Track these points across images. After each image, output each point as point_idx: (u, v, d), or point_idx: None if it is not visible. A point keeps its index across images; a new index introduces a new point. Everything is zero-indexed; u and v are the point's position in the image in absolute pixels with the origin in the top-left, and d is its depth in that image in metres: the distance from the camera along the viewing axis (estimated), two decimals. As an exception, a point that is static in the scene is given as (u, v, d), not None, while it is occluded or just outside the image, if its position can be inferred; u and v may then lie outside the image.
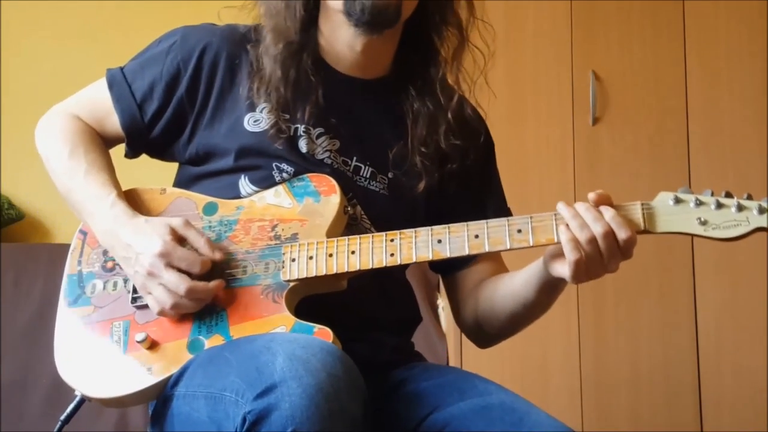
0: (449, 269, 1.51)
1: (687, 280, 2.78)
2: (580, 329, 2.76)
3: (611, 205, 1.22)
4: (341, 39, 1.42)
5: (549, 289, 1.33)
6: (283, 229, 1.34)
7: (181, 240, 1.31)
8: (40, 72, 2.89)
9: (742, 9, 2.87)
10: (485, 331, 1.49)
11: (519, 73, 2.86)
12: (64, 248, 1.47)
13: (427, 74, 1.47)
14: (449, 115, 1.45)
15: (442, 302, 2.48)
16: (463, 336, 2.70)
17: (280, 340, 1.16)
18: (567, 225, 1.20)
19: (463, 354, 2.68)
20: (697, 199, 1.19)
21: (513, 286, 1.39)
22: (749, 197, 1.18)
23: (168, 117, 1.43)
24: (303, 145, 1.40)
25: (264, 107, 1.40)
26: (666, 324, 2.77)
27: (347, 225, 1.36)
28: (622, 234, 1.20)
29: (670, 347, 2.76)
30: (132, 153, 1.49)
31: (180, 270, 1.27)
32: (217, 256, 1.30)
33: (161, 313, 1.29)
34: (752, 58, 2.86)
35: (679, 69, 2.87)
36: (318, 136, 1.41)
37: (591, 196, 1.22)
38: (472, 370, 1.54)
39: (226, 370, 1.16)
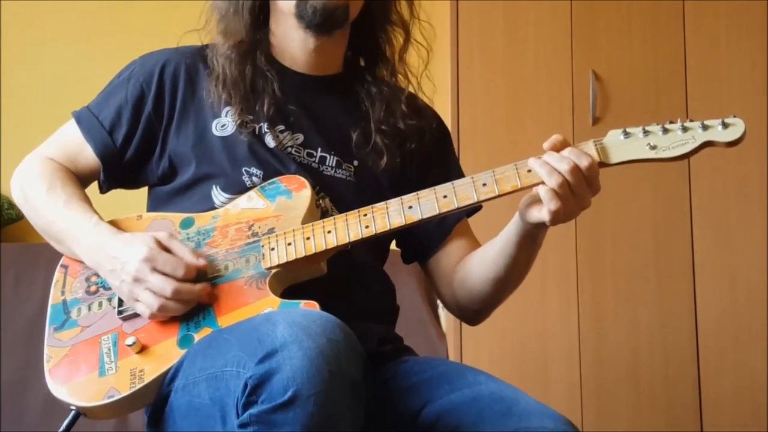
0: (425, 254, 1.57)
1: (687, 281, 2.78)
2: (580, 329, 2.76)
3: (567, 146, 1.30)
4: (293, 40, 1.50)
5: (530, 240, 1.38)
6: (259, 227, 1.38)
7: (165, 250, 1.34)
8: (40, 72, 2.89)
9: (742, 9, 2.87)
10: (471, 306, 1.52)
11: (519, 73, 2.86)
12: (64, 248, 1.47)
13: (377, 70, 1.56)
14: (402, 103, 1.53)
15: (442, 302, 2.48)
16: (463, 336, 2.71)
17: (279, 312, 1.20)
18: (543, 182, 1.27)
19: (463, 354, 2.69)
20: (644, 129, 1.28)
21: (492, 251, 1.44)
22: (691, 120, 1.28)
23: (139, 137, 1.48)
24: (270, 140, 1.46)
25: (228, 110, 1.46)
26: (666, 324, 2.77)
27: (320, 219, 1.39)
28: (582, 162, 1.26)
29: (670, 347, 2.76)
30: (107, 184, 1.52)
31: (165, 274, 1.30)
32: (201, 262, 1.33)
33: (151, 316, 1.32)
34: (752, 58, 2.86)
35: (679, 69, 2.87)
36: (280, 132, 1.47)
37: (545, 145, 1.30)
38: (472, 369, 1.54)
39: (227, 348, 1.18)
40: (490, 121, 2.83)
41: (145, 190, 1.57)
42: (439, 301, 2.50)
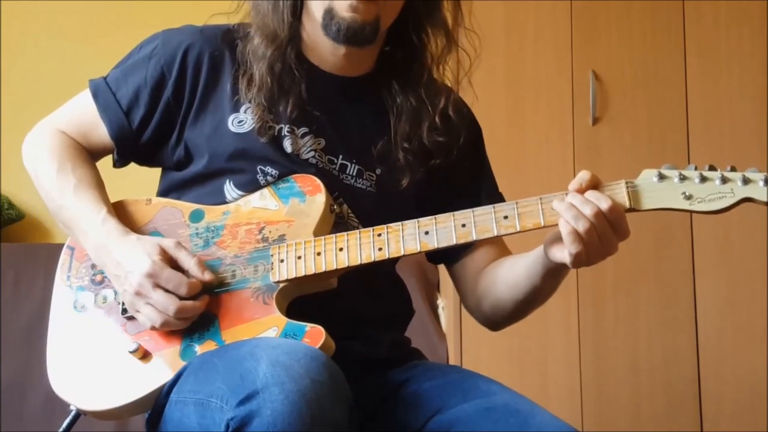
0: (451, 259, 1.50)
1: (687, 281, 2.78)
2: (579, 329, 2.76)
3: (596, 185, 1.22)
4: (323, 44, 1.41)
5: (554, 274, 1.33)
6: (270, 231, 1.34)
7: (171, 261, 1.30)
8: (40, 72, 2.89)
9: (742, 9, 2.87)
10: (493, 318, 1.48)
11: (519, 73, 2.86)
12: (64, 248, 1.47)
13: (411, 71, 1.46)
14: (433, 112, 1.44)
15: (442, 302, 2.48)
16: (463, 336, 2.71)
17: (265, 346, 1.15)
18: (565, 219, 1.20)
19: (463, 354, 2.69)
20: (680, 174, 1.19)
21: (515, 275, 1.38)
22: (733, 169, 1.18)
23: (156, 121, 1.42)
24: (288, 145, 1.39)
25: (248, 107, 1.39)
26: (666, 324, 2.77)
27: (334, 224, 1.36)
28: (603, 204, 1.18)
29: (670, 348, 2.76)
30: (121, 162, 1.48)
31: (168, 291, 1.27)
32: (207, 277, 1.29)
33: (151, 329, 1.29)
34: (752, 58, 2.86)
35: (679, 69, 2.87)
36: (303, 136, 1.40)
37: (572, 186, 1.21)
38: (472, 369, 1.54)
39: (213, 375, 1.16)
40: (490, 121, 2.82)
41: (156, 173, 1.53)
42: (438, 302, 2.50)
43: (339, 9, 1.34)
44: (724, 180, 1.17)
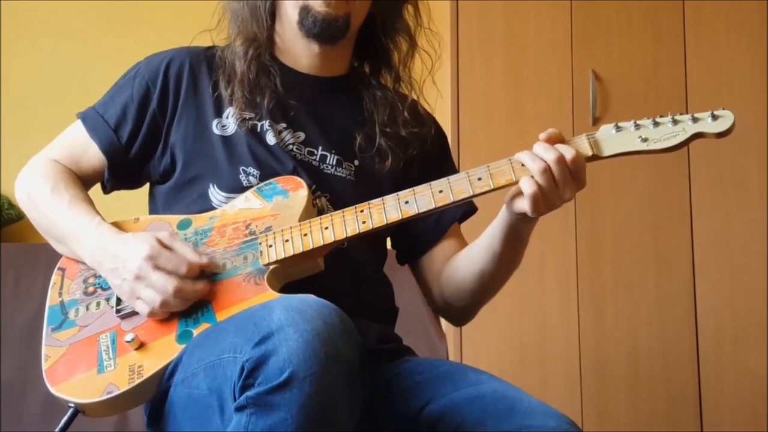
0: (419, 252, 1.58)
1: (687, 281, 2.78)
2: (579, 329, 2.76)
3: (563, 140, 1.33)
4: (298, 44, 1.53)
5: (515, 234, 1.40)
6: (257, 226, 1.39)
7: (167, 248, 1.34)
8: (40, 72, 2.89)
9: (742, 9, 2.87)
10: (454, 303, 1.54)
11: (519, 73, 2.86)
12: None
13: (382, 75, 1.59)
14: (404, 110, 1.56)
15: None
16: (463, 336, 2.71)
17: (276, 299, 1.20)
18: (522, 164, 1.30)
19: (463, 354, 2.69)
20: (635, 123, 1.32)
21: (476, 249, 1.47)
22: (681, 113, 1.30)
23: (144, 134, 1.49)
24: (271, 138, 1.47)
25: (229, 111, 1.48)
26: (666, 324, 2.77)
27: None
28: (568, 153, 1.28)
29: (670, 348, 2.76)
30: (111, 183, 1.53)
31: (167, 272, 1.31)
32: (204, 260, 1.34)
33: (151, 314, 1.32)
34: (752, 58, 2.86)
35: (679, 69, 2.87)
36: (281, 131, 1.49)
37: (542, 135, 1.32)
38: (472, 369, 1.54)
39: (223, 336, 1.19)
40: (490, 121, 2.83)
41: (144, 193, 1.58)
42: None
43: (314, 5, 1.47)
44: (675, 122, 1.30)
